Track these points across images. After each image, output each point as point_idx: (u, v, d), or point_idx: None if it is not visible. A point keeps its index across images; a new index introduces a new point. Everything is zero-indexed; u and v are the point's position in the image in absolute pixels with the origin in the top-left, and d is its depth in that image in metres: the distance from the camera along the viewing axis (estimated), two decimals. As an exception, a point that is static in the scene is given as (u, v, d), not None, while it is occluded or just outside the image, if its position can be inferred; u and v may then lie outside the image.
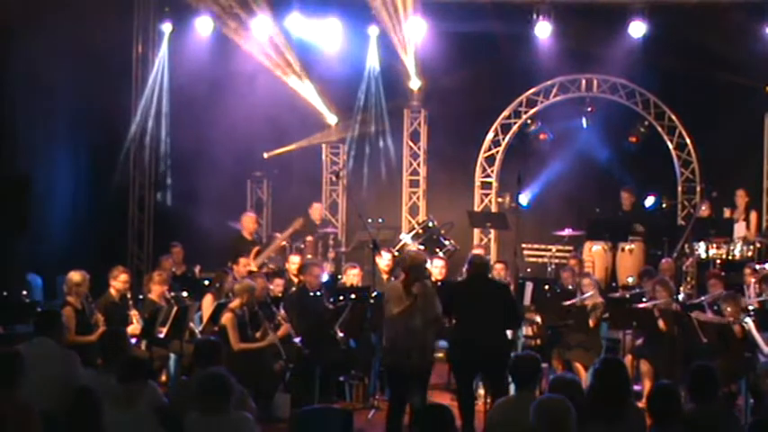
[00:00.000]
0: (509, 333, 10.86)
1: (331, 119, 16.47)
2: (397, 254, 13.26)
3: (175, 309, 10.36)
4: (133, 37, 15.76)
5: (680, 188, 15.60)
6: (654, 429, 6.01)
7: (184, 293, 11.88)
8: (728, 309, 10.51)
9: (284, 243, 14.36)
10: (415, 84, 16.30)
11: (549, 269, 14.69)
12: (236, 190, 16.22)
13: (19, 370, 6.48)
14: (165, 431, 6.48)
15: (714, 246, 13.89)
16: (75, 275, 9.95)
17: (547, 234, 15.19)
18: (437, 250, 13.88)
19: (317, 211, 14.89)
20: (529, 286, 12.51)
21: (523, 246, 14.71)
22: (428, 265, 12.47)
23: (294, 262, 12.99)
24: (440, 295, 9.20)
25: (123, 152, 15.69)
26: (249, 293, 10.35)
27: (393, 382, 9.13)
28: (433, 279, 12.12)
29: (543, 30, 15.25)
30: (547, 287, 12.59)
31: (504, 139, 16.19)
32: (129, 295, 10.71)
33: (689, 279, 14.31)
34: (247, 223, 14.25)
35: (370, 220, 14.15)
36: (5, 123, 13.68)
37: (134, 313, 10.53)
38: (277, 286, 12.08)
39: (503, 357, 8.85)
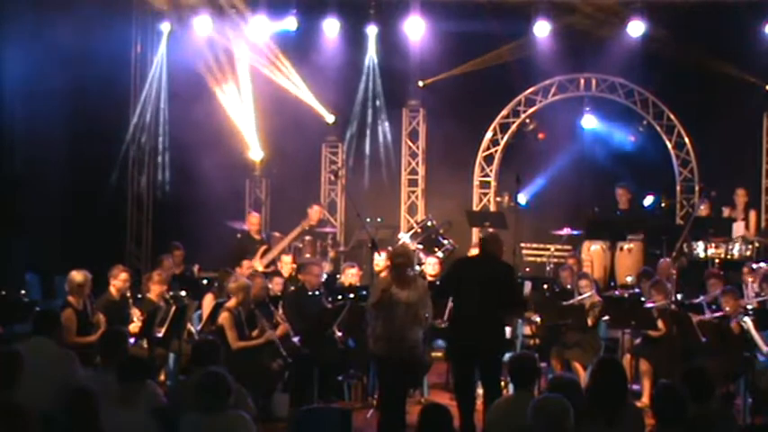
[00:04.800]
0: (508, 330, 10.89)
1: (329, 118, 16.45)
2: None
3: (174, 308, 10.36)
4: (131, 37, 15.76)
5: (678, 187, 15.60)
6: (657, 430, 6.00)
7: (183, 293, 11.87)
8: (728, 304, 10.52)
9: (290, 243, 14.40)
10: (413, 83, 16.31)
11: (548, 268, 14.66)
12: (234, 189, 16.21)
13: (17, 370, 6.48)
14: (163, 431, 6.47)
15: (713, 245, 13.88)
16: (77, 276, 9.90)
17: (545, 233, 15.18)
18: (435, 249, 13.89)
19: (315, 212, 14.87)
20: (527, 285, 12.50)
21: (522, 245, 14.69)
22: (424, 265, 12.58)
23: (286, 262, 12.98)
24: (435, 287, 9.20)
25: (121, 151, 15.69)
26: (245, 292, 10.33)
27: (379, 371, 9.16)
28: (428, 277, 12.14)
29: (542, 29, 15.25)
30: (545, 286, 12.59)
31: (502, 138, 16.19)
32: (128, 294, 10.71)
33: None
34: (253, 222, 14.40)
35: (368, 220, 14.14)
36: (3, 123, 13.68)
37: (135, 311, 10.52)
38: (276, 285, 12.07)
39: (498, 342, 8.91)
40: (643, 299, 11.58)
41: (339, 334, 10.81)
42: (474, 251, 13.15)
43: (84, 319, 9.84)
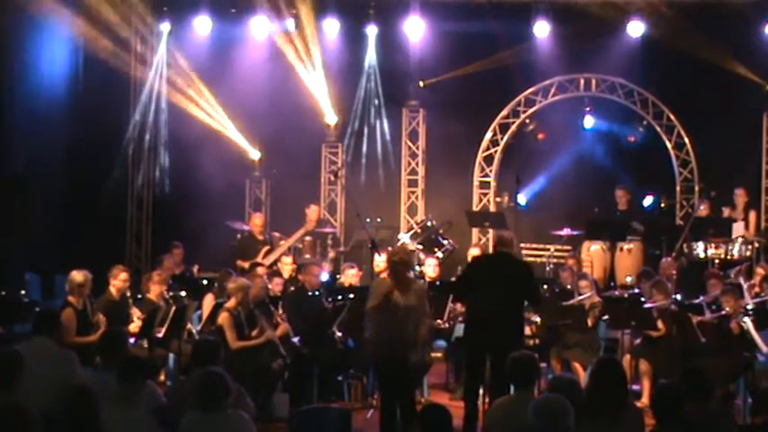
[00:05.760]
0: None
1: (329, 118, 16.45)
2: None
3: (174, 308, 10.36)
4: (131, 36, 15.76)
5: (678, 188, 15.59)
6: (656, 430, 6.00)
7: (183, 293, 11.87)
8: (728, 304, 10.52)
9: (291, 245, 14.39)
10: (413, 83, 16.33)
11: (548, 269, 14.66)
12: (234, 190, 16.22)
13: (17, 370, 6.48)
14: (163, 431, 6.47)
15: (713, 245, 13.87)
16: (77, 276, 9.89)
17: (545, 234, 15.17)
18: (435, 249, 13.88)
19: (313, 212, 14.87)
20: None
21: (522, 245, 14.69)
22: (424, 266, 12.57)
23: (286, 262, 12.98)
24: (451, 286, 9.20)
25: (121, 151, 15.70)
26: (244, 292, 10.32)
27: (378, 375, 9.14)
28: (427, 278, 12.14)
29: (542, 29, 15.25)
30: (545, 287, 12.57)
31: (502, 138, 16.18)
32: (128, 294, 10.71)
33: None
34: (257, 223, 14.40)
35: (368, 220, 14.14)
36: (3, 123, 13.69)
37: (135, 311, 10.52)
38: (276, 285, 12.06)
39: (517, 340, 8.94)
40: (643, 299, 11.58)
41: (339, 334, 10.83)
42: (475, 251, 13.17)
43: (84, 318, 9.83)
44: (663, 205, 15.47)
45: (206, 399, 6.16)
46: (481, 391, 9.51)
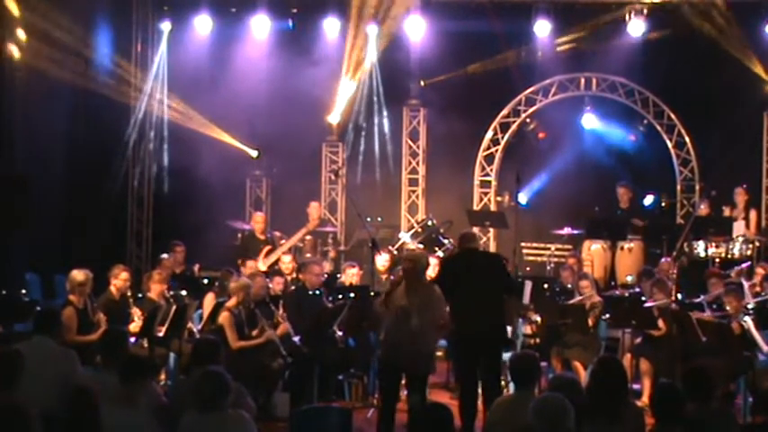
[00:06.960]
0: (508, 330, 10.88)
1: (335, 117, 16.43)
2: (395, 252, 13.27)
3: (174, 308, 10.35)
4: (132, 36, 15.76)
5: (679, 187, 15.60)
6: (657, 429, 6.00)
7: (183, 292, 11.87)
8: (731, 303, 10.51)
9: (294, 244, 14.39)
10: (414, 82, 16.32)
11: (549, 268, 14.67)
12: (234, 189, 16.22)
13: (17, 370, 6.47)
14: (164, 430, 6.47)
15: (713, 244, 13.87)
16: (78, 275, 9.89)
17: (546, 233, 15.18)
18: (436, 249, 13.88)
19: (315, 209, 14.87)
20: (528, 285, 12.46)
21: (522, 244, 14.69)
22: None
23: (285, 261, 12.99)
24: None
25: (122, 151, 15.69)
26: (245, 292, 10.33)
27: (384, 375, 9.14)
28: (428, 277, 12.10)
29: (542, 28, 15.25)
30: (546, 286, 12.57)
31: (503, 137, 16.19)
32: (129, 294, 10.71)
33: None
34: (258, 222, 14.41)
35: (369, 219, 14.14)
36: (3, 123, 13.68)
37: (135, 311, 10.51)
38: (277, 284, 12.07)
39: (501, 334, 9.06)
40: (643, 298, 11.58)
41: (339, 333, 10.82)
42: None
43: (85, 318, 9.82)
44: (663, 204, 15.48)
45: (206, 398, 6.15)
46: (479, 390, 9.52)
